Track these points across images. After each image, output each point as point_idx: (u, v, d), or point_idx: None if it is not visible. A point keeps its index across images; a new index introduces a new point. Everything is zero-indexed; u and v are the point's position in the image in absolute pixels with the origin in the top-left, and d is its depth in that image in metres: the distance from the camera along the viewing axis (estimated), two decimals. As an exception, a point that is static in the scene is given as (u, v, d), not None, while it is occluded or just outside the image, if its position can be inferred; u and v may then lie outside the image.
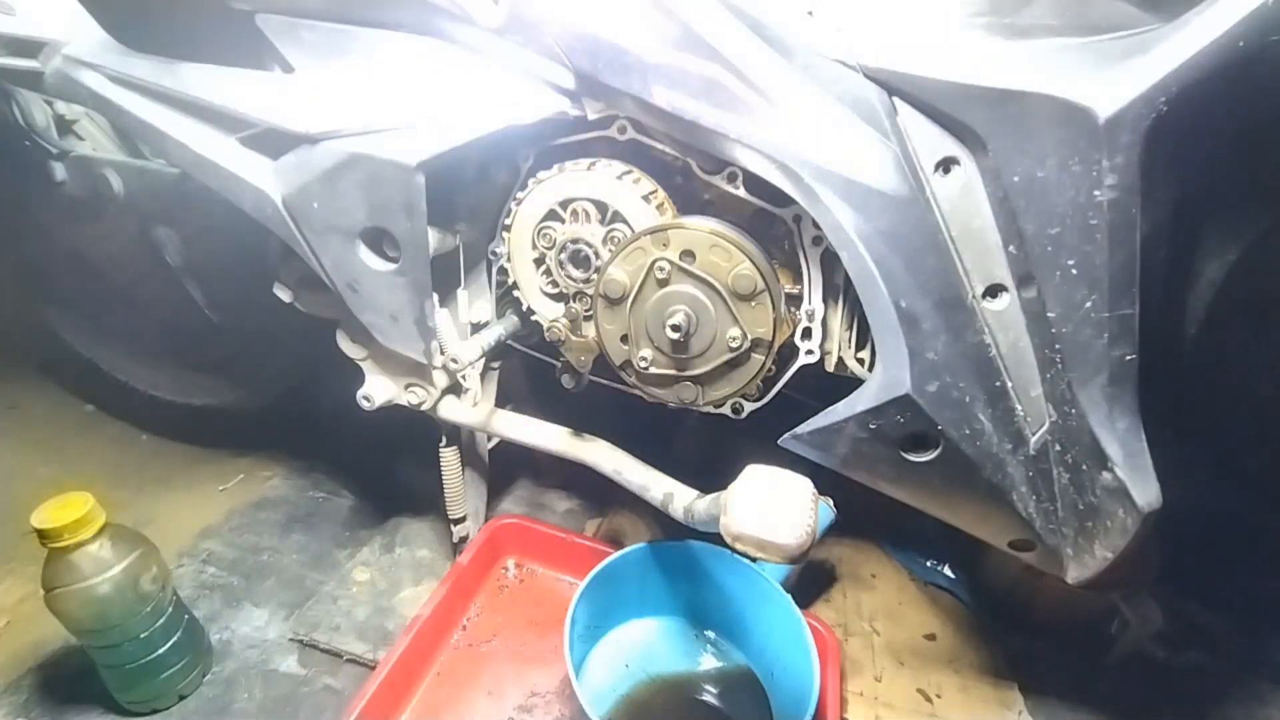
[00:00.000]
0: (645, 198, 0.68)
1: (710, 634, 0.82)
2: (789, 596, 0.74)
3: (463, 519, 0.91)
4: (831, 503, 0.82)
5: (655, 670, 0.78)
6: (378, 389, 0.80)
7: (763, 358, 0.66)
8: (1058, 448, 0.57)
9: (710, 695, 0.76)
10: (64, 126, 1.05)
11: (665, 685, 0.77)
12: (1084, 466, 0.55)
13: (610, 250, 0.69)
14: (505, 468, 1.02)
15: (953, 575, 0.98)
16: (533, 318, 0.78)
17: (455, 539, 0.92)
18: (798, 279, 0.67)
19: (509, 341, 0.80)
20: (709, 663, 0.80)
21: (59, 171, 1.01)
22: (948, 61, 0.52)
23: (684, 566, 0.81)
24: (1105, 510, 0.55)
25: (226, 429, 1.18)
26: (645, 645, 0.81)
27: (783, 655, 0.74)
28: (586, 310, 0.74)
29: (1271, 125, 0.48)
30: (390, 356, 0.76)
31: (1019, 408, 0.57)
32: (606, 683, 0.76)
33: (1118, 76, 0.46)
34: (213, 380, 1.16)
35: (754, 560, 0.58)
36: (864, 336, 0.67)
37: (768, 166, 0.57)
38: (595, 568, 0.75)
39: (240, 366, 1.13)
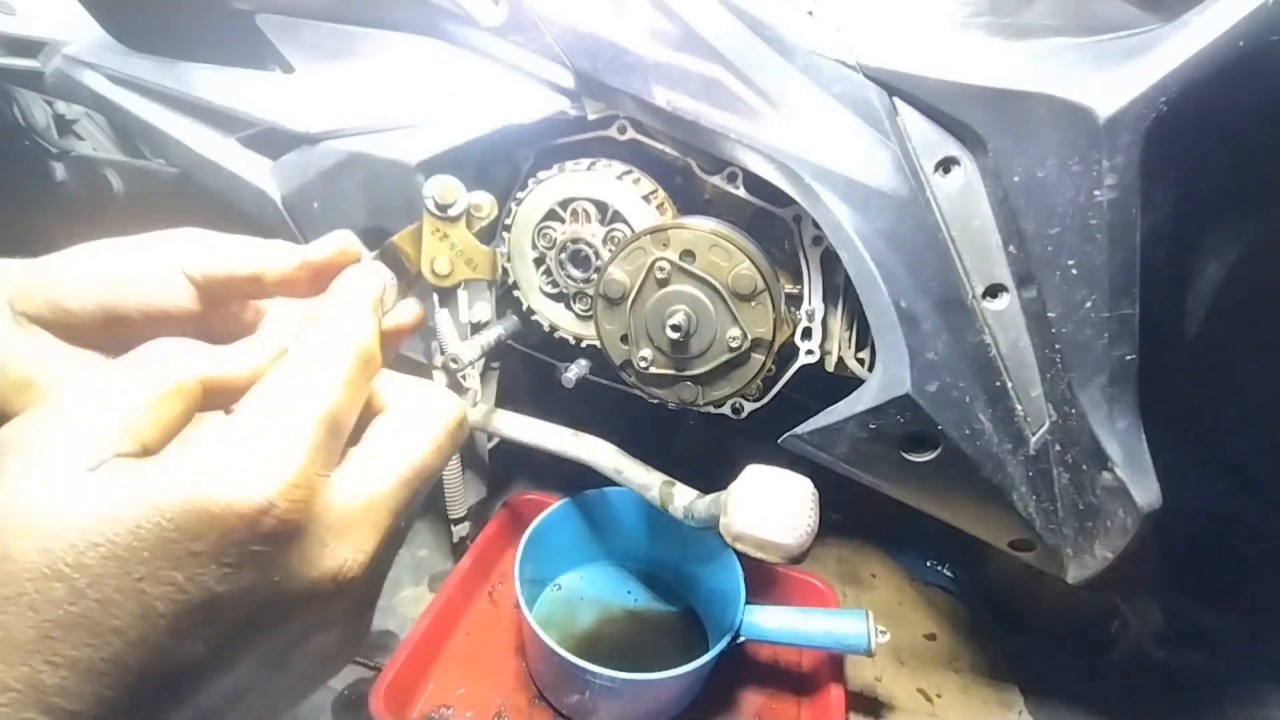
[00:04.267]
0: (645, 198, 0.68)
1: (647, 571, 0.92)
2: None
3: (463, 519, 0.91)
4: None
5: (600, 605, 0.87)
6: (378, 389, 0.80)
7: (763, 358, 0.66)
8: (1058, 448, 0.57)
9: (649, 618, 0.86)
10: (64, 126, 1.06)
11: (611, 618, 0.86)
12: (1084, 466, 0.55)
13: (610, 250, 0.69)
14: (505, 468, 1.02)
15: (952, 575, 0.98)
16: (533, 318, 0.78)
17: (455, 539, 0.92)
18: (798, 279, 0.67)
19: (509, 341, 0.80)
20: (647, 596, 0.89)
21: (59, 171, 1.01)
22: (948, 61, 0.52)
23: (616, 513, 0.89)
24: (1105, 510, 0.55)
25: (226, 429, 1.18)
26: (589, 586, 0.90)
27: (715, 580, 0.82)
28: (586, 310, 0.74)
29: (1271, 125, 0.48)
30: (390, 356, 0.76)
31: (1019, 408, 0.57)
32: (561, 619, 0.85)
33: (1118, 76, 0.46)
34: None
35: (754, 560, 0.58)
36: (864, 336, 0.67)
37: (768, 166, 0.57)
38: (532, 523, 0.81)
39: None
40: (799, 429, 0.61)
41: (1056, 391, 0.54)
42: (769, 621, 0.74)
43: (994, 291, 0.55)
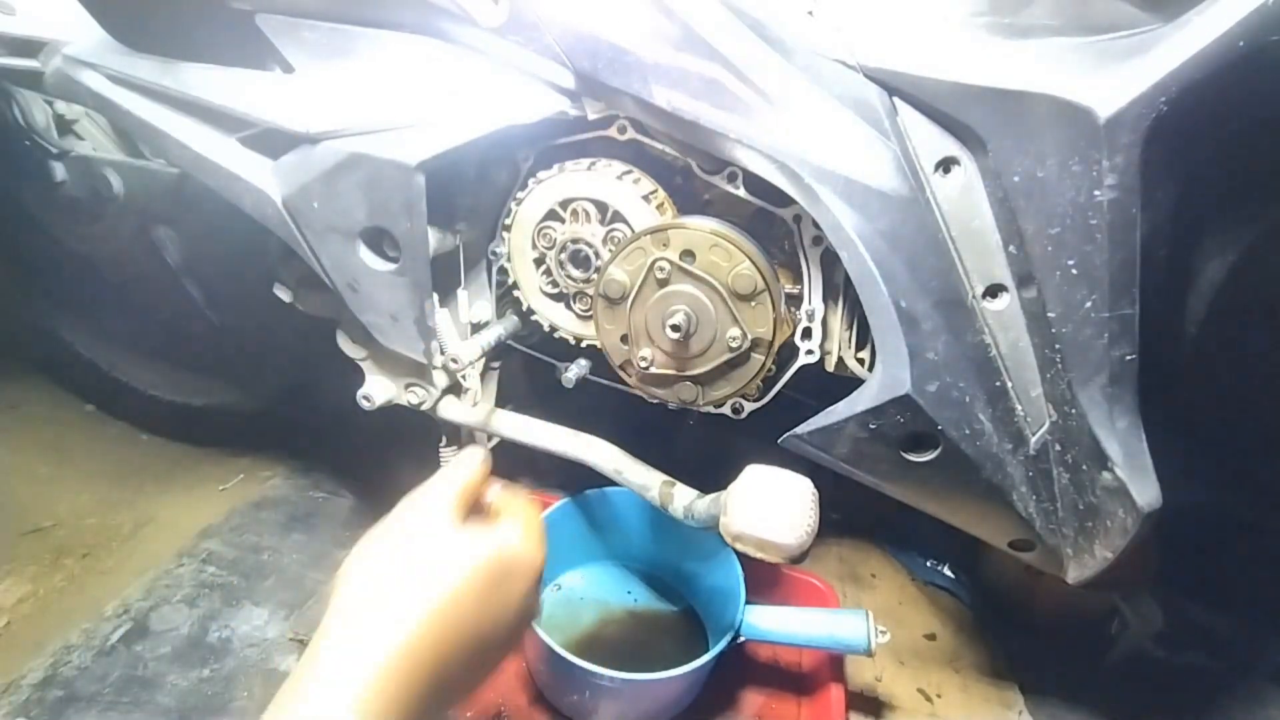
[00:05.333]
0: (645, 198, 0.68)
1: (647, 571, 0.92)
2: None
3: (463, 519, 0.91)
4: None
5: (600, 605, 0.88)
6: (378, 389, 0.80)
7: (763, 358, 0.66)
8: (1058, 448, 0.57)
9: (649, 618, 0.87)
10: (64, 126, 1.05)
11: (611, 618, 0.87)
12: (1084, 466, 0.55)
13: (610, 250, 0.69)
14: (505, 468, 1.02)
15: (953, 575, 0.98)
16: (533, 318, 0.78)
17: (455, 539, 0.92)
18: (798, 279, 0.67)
19: (509, 341, 0.80)
20: (647, 596, 0.90)
21: (59, 171, 1.01)
22: (948, 61, 0.52)
23: (616, 513, 0.89)
24: (1105, 510, 0.55)
25: (226, 429, 1.18)
26: (589, 586, 0.91)
27: (715, 579, 0.82)
28: (586, 310, 0.74)
29: (1272, 125, 0.48)
30: (390, 356, 0.76)
31: (1019, 408, 0.57)
32: (561, 619, 0.85)
33: (1118, 76, 0.46)
34: (213, 380, 1.16)
35: (754, 559, 0.58)
36: (864, 336, 0.67)
37: (768, 166, 0.57)
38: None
39: (240, 366, 1.13)
40: (799, 429, 0.61)
41: (1056, 391, 0.54)
42: (769, 621, 0.74)
43: (994, 291, 0.55)
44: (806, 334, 0.67)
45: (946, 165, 0.54)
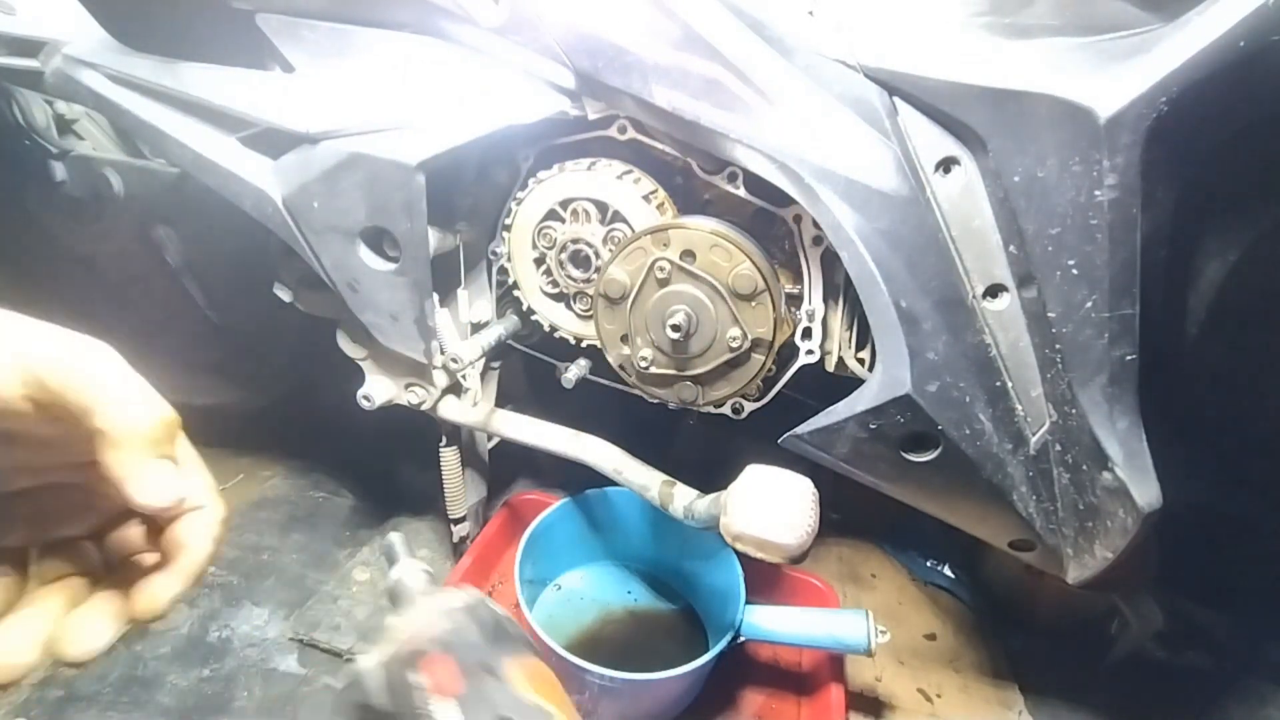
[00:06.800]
0: (645, 197, 0.68)
1: (647, 571, 0.92)
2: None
3: (463, 519, 0.91)
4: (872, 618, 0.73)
5: (600, 605, 0.87)
6: (378, 389, 0.80)
7: (763, 358, 0.66)
8: (1058, 448, 0.57)
9: (649, 618, 0.87)
10: (64, 126, 1.05)
11: (611, 618, 0.87)
12: (1084, 466, 0.55)
13: (610, 250, 0.69)
14: (505, 468, 1.02)
15: (953, 575, 0.98)
16: (533, 318, 0.78)
17: (455, 539, 0.92)
18: (798, 279, 0.67)
19: (509, 341, 0.80)
20: (647, 596, 0.90)
21: (59, 171, 1.01)
22: (948, 61, 0.52)
23: (616, 513, 0.89)
24: (1105, 510, 0.55)
25: (226, 429, 1.18)
26: (589, 586, 0.90)
27: (715, 579, 0.82)
28: (586, 310, 0.74)
29: (1272, 125, 0.48)
30: (390, 356, 0.76)
31: (1019, 408, 0.57)
32: (562, 619, 0.85)
33: (1118, 76, 0.46)
34: (212, 380, 1.16)
35: (755, 559, 0.58)
36: (864, 336, 0.67)
37: (768, 166, 0.57)
38: (532, 523, 0.82)
39: (240, 366, 1.13)
40: (799, 429, 0.61)
41: (1056, 391, 0.54)
42: (769, 621, 0.74)
43: (994, 291, 0.55)
44: (806, 334, 0.67)
45: (947, 165, 0.54)
